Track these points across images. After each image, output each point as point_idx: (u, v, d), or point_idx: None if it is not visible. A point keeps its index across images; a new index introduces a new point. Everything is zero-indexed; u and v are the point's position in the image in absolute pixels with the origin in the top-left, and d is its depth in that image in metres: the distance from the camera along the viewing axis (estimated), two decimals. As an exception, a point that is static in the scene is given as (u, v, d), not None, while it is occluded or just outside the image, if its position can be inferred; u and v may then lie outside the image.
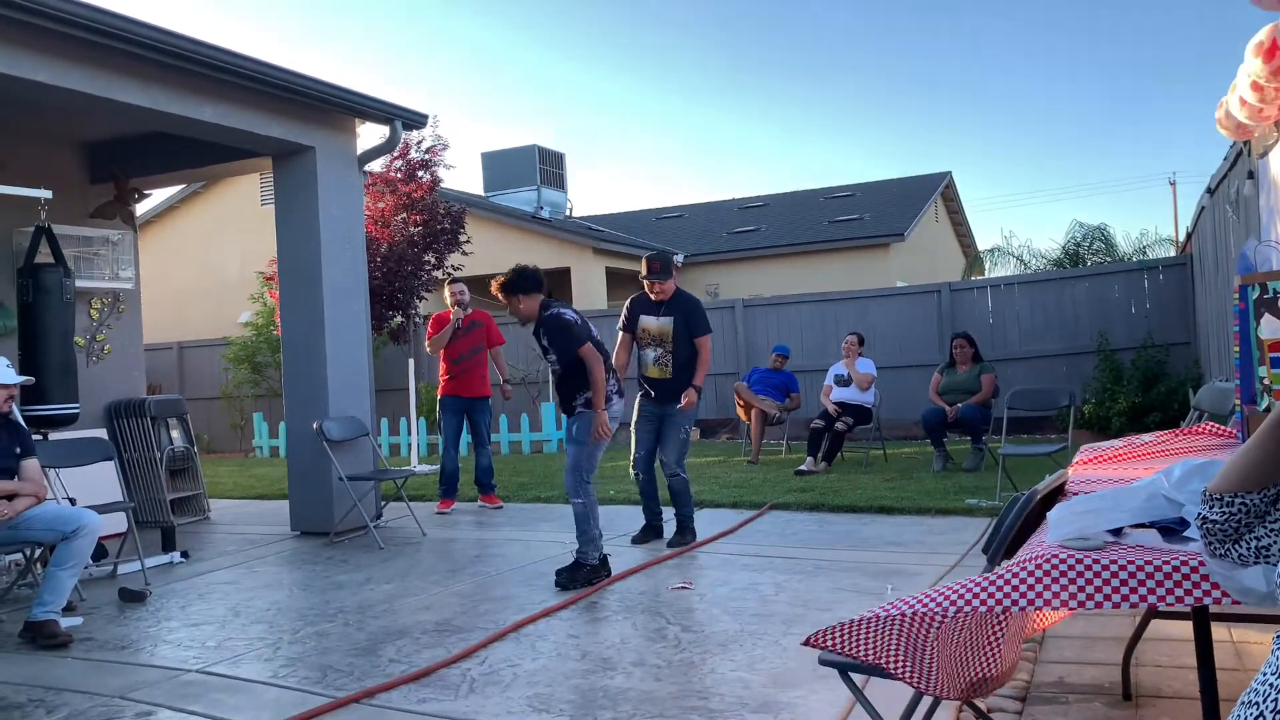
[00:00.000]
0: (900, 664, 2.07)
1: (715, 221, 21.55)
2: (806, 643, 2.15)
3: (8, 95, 5.50)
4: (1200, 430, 3.42)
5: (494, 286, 5.13)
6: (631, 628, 4.18)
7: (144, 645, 4.30)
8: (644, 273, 5.94)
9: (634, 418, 5.94)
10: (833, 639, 2.09)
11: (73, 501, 5.57)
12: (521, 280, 5.09)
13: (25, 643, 4.28)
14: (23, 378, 4.83)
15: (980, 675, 2.28)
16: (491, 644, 4.00)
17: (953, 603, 1.97)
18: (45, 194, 5.76)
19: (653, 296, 5.93)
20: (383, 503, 7.39)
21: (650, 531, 6.03)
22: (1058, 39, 76.88)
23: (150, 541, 6.14)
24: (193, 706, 3.44)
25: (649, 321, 5.91)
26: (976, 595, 1.96)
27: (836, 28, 76.69)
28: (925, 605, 2.00)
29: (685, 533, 5.90)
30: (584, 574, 4.95)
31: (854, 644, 2.08)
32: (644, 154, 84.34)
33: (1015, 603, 1.92)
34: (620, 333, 6.04)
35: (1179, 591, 1.86)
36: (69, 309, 5.90)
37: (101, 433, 7.07)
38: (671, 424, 5.82)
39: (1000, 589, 1.94)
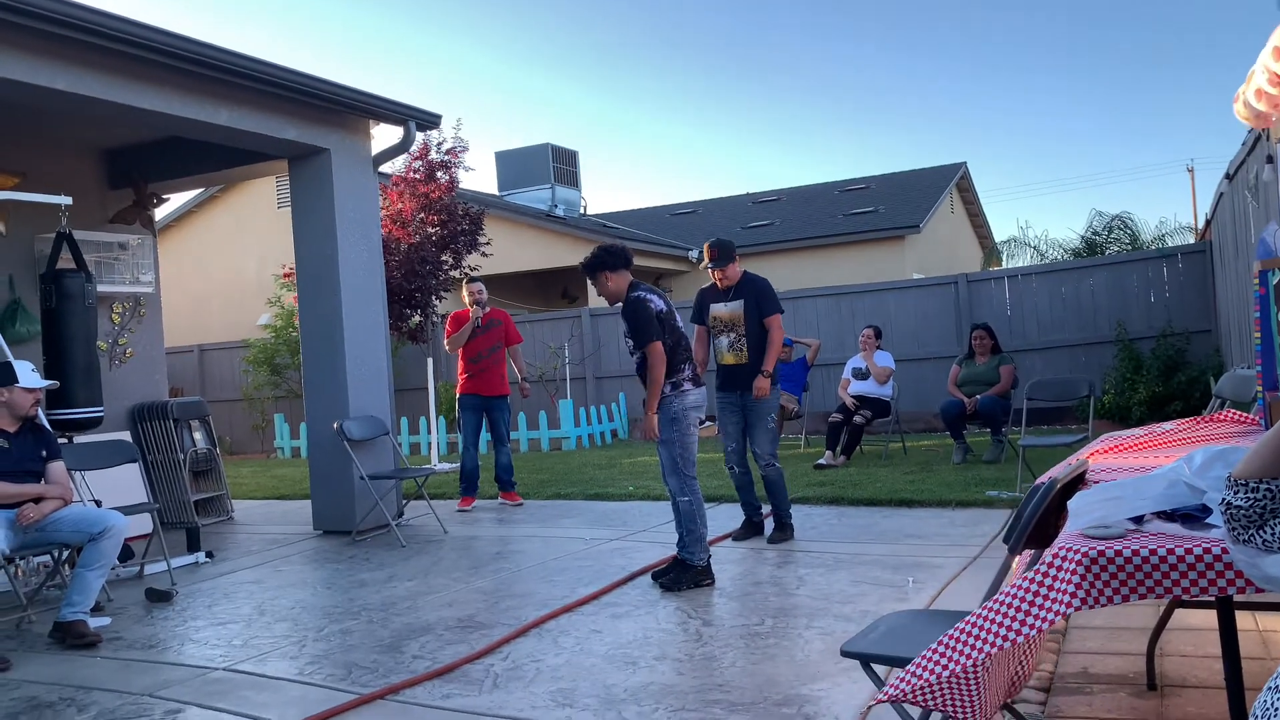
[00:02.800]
0: (968, 709, 2.02)
1: (729, 216, 21.51)
2: (885, 700, 2.09)
3: (27, 103, 5.56)
4: (1222, 418, 3.40)
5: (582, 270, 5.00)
6: (654, 622, 4.20)
7: (171, 644, 4.35)
8: (705, 260, 5.79)
9: (718, 411, 5.79)
10: (910, 692, 2.02)
11: (98, 503, 5.63)
12: (608, 256, 4.91)
13: (55, 643, 4.35)
14: (48, 382, 4.88)
15: (1014, 676, 2.27)
16: (514, 639, 4.02)
17: (1012, 630, 1.93)
18: (66, 200, 5.81)
19: (719, 283, 5.82)
20: (404, 501, 7.43)
21: (750, 527, 5.87)
22: (1071, 27, 76.31)
23: (175, 542, 6.20)
24: (220, 704, 3.48)
25: (719, 308, 5.80)
26: (1027, 614, 1.91)
27: (848, 19, 76.38)
28: (990, 643, 1.94)
29: (784, 529, 5.76)
30: (691, 575, 4.76)
31: (928, 697, 2.02)
32: (657, 151, 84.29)
33: (1057, 613, 1.89)
34: (694, 326, 5.92)
35: (1203, 581, 1.85)
36: (91, 313, 5.96)
37: (125, 435, 7.15)
38: (756, 414, 5.68)
39: (1043, 598, 1.91)
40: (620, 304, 4.95)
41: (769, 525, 5.88)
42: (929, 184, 20.42)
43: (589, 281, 4.98)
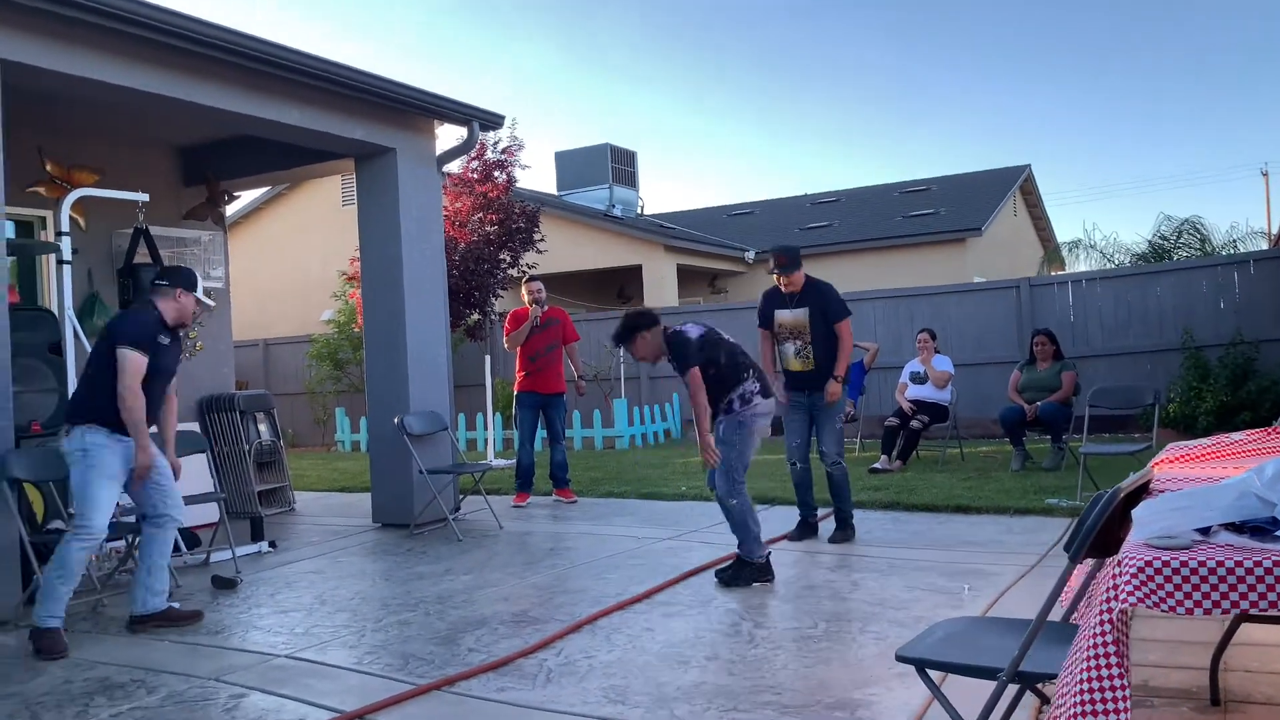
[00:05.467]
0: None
1: (787, 218, 21.40)
2: None
3: (106, 101, 5.76)
4: (1294, 429, 3.32)
5: (613, 341, 5.11)
6: (706, 622, 4.21)
7: (236, 630, 4.47)
8: (771, 266, 5.80)
9: (784, 409, 5.78)
10: None
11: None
12: (639, 319, 5.00)
13: (154, 630, 4.43)
14: (211, 302, 4.92)
15: None
16: (567, 635, 4.06)
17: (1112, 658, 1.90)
18: (143, 197, 6.00)
19: (783, 289, 5.80)
20: (461, 496, 7.54)
21: (805, 528, 5.88)
22: (1141, 28, 74.47)
23: (240, 531, 6.36)
24: (283, 690, 3.57)
25: (783, 315, 5.80)
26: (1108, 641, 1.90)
27: (911, 20, 75.46)
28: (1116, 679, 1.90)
29: (845, 528, 5.77)
30: (749, 572, 4.82)
31: None
32: (715, 151, 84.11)
33: (1113, 610, 1.87)
34: (760, 331, 5.94)
35: (1271, 595, 1.81)
36: (165, 307, 6.14)
37: (194, 426, 7.36)
38: (825, 413, 5.70)
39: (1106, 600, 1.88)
40: (664, 358, 4.99)
41: (824, 527, 5.88)
42: (991, 186, 20.11)
43: (627, 348, 5.03)
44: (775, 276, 5.79)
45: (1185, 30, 69.99)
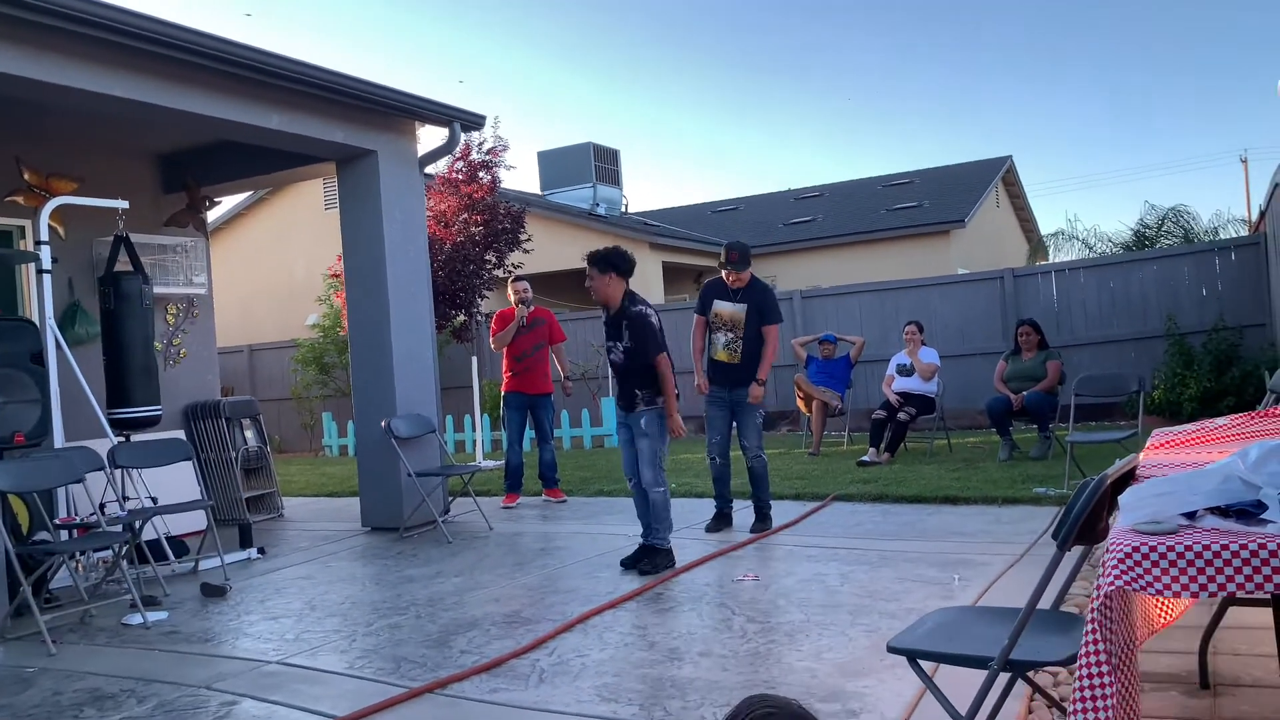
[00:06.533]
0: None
1: (771, 213, 21.44)
2: None
3: (86, 109, 5.72)
4: (1277, 413, 3.34)
5: (587, 258, 5.25)
6: (697, 618, 4.22)
7: (226, 638, 4.45)
8: (722, 260, 6.02)
9: (705, 404, 6.03)
10: None
11: (154, 501, 5.78)
12: (620, 261, 5.19)
13: None
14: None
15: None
16: (560, 635, 4.06)
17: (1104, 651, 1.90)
18: (122, 204, 5.96)
19: (729, 283, 6.00)
20: (450, 498, 7.52)
21: (721, 519, 6.10)
22: (1118, 18, 74.87)
23: (228, 538, 6.33)
24: (274, 696, 3.56)
25: (722, 306, 6.00)
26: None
27: (890, 14, 75.66)
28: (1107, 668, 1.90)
29: (764, 520, 6.00)
30: (663, 558, 5.12)
31: None
32: (698, 148, 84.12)
33: (1103, 590, 1.88)
34: (695, 315, 6.16)
35: (1258, 578, 1.83)
36: (148, 314, 6.11)
37: (180, 434, 7.31)
38: (745, 408, 5.92)
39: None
40: (610, 308, 5.20)
41: (739, 519, 6.09)
42: (974, 178, 20.19)
43: (593, 270, 5.16)
44: (725, 271, 5.99)
45: (1165, 18, 70.41)
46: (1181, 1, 68.77)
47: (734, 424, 6.01)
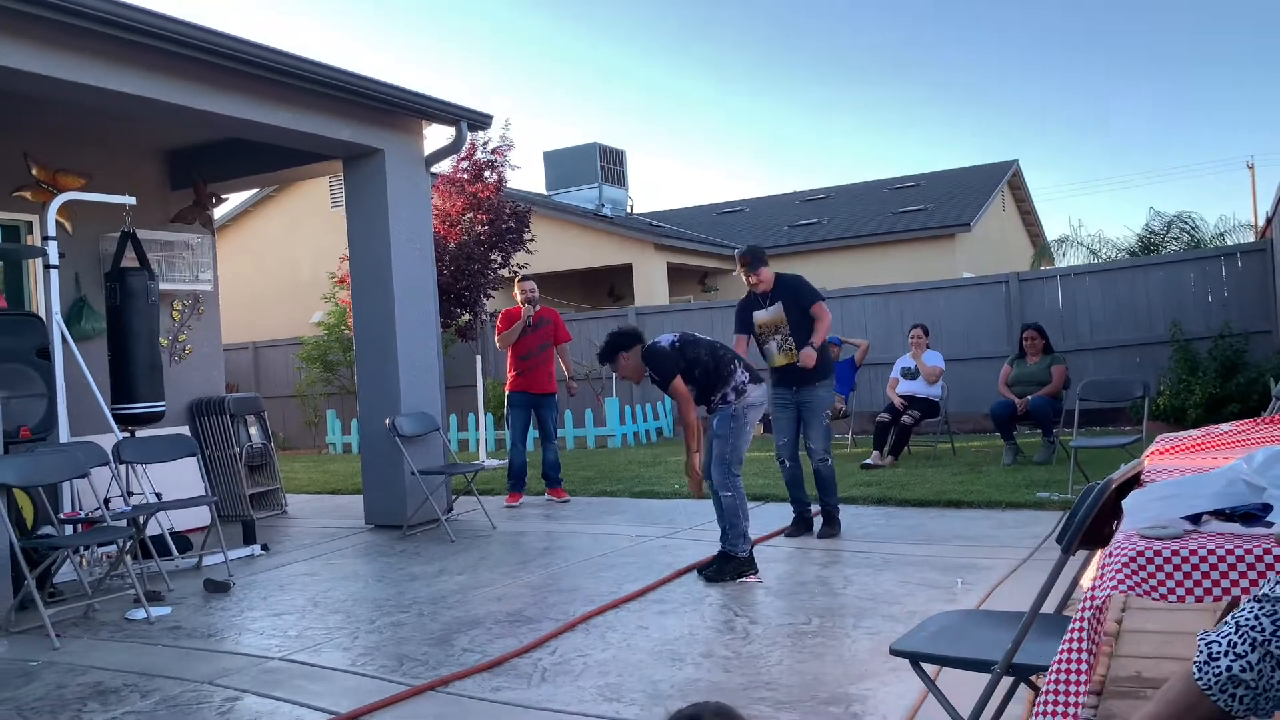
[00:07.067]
0: None
1: (776, 215, 21.43)
2: None
3: (94, 106, 5.74)
4: (1283, 420, 3.33)
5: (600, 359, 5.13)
6: (700, 619, 4.22)
7: (229, 634, 4.46)
8: (738, 269, 5.92)
9: (771, 406, 5.83)
10: None
11: (159, 496, 5.79)
12: (620, 339, 5.03)
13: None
14: None
15: None
16: (562, 634, 4.06)
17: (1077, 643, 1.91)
18: (130, 201, 5.98)
19: (755, 290, 5.89)
20: (453, 496, 7.53)
21: (801, 524, 5.92)
22: (1126, 23, 74.76)
23: (232, 535, 6.34)
24: (277, 692, 3.57)
25: (760, 316, 5.88)
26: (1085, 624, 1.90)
27: (900, 19, 75.58)
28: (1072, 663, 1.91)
29: (832, 524, 5.84)
30: (733, 566, 4.87)
31: None
32: (704, 149, 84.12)
33: (1103, 598, 1.88)
34: (736, 336, 5.97)
35: (1263, 583, 1.82)
36: (154, 311, 6.13)
37: (184, 430, 7.33)
38: (811, 410, 5.77)
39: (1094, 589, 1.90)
40: (648, 374, 5.03)
41: (818, 522, 5.91)
42: (980, 182, 20.17)
43: (609, 367, 5.07)
44: (745, 277, 5.89)
45: (1174, 24, 70.29)
46: (1188, 7, 68.63)
47: (800, 426, 5.83)
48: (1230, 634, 1.42)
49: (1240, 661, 1.39)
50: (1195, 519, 1.97)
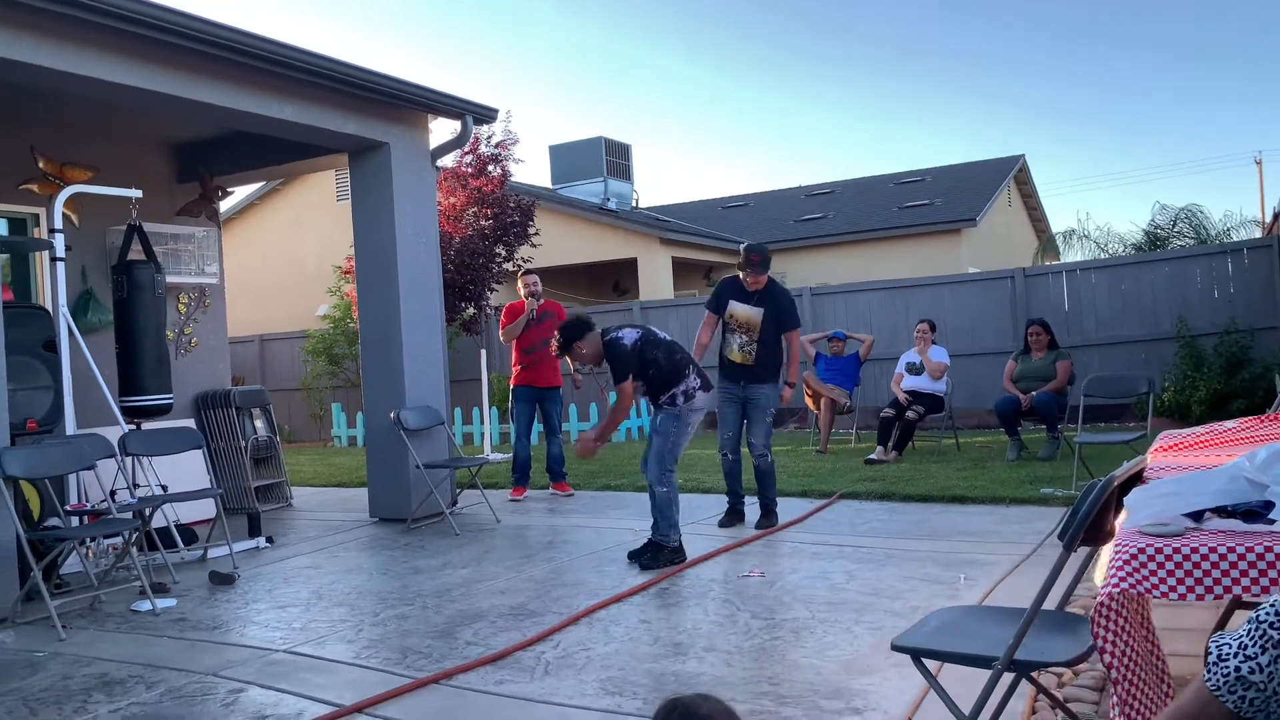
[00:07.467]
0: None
1: (782, 209, 21.40)
2: None
3: (101, 99, 5.75)
4: (1287, 417, 3.33)
5: (552, 349, 5.38)
6: (703, 614, 4.23)
7: (234, 626, 4.48)
8: (742, 263, 6.02)
9: (718, 401, 6.01)
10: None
11: (164, 488, 5.82)
12: (569, 332, 5.23)
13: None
14: None
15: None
16: (565, 628, 4.08)
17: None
18: (136, 194, 6.00)
19: (747, 285, 6.01)
20: (458, 490, 7.54)
21: (734, 515, 6.15)
22: (1134, 17, 74.41)
23: (237, 527, 6.36)
24: (281, 684, 3.58)
25: (738, 308, 6.00)
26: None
27: (907, 13, 75.36)
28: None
29: (769, 516, 6.06)
30: (665, 554, 5.13)
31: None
32: (709, 143, 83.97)
33: (1107, 593, 1.89)
34: (707, 311, 6.16)
35: (1264, 580, 1.82)
36: (160, 304, 6.14)
37: (190, 423, 7.36)
38: (756, 406, 5.96)
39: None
40: (601, 360, 5.24)
41: (752, 514, 6.14)
42: (986, 177, 20.12)
43: (568, 353, 5.26)
44: (744, 273, 5.99)
45: (1180, 17, 69.97)
46: (1197, 2, 68.32)
47: (744, 421, 6.04)
48: (1242, 636, 1.43)
49: (1250, 663, 1.39)
50: (1197, 516, 1.97)
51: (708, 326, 6.12)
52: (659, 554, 5.13)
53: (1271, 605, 1.44)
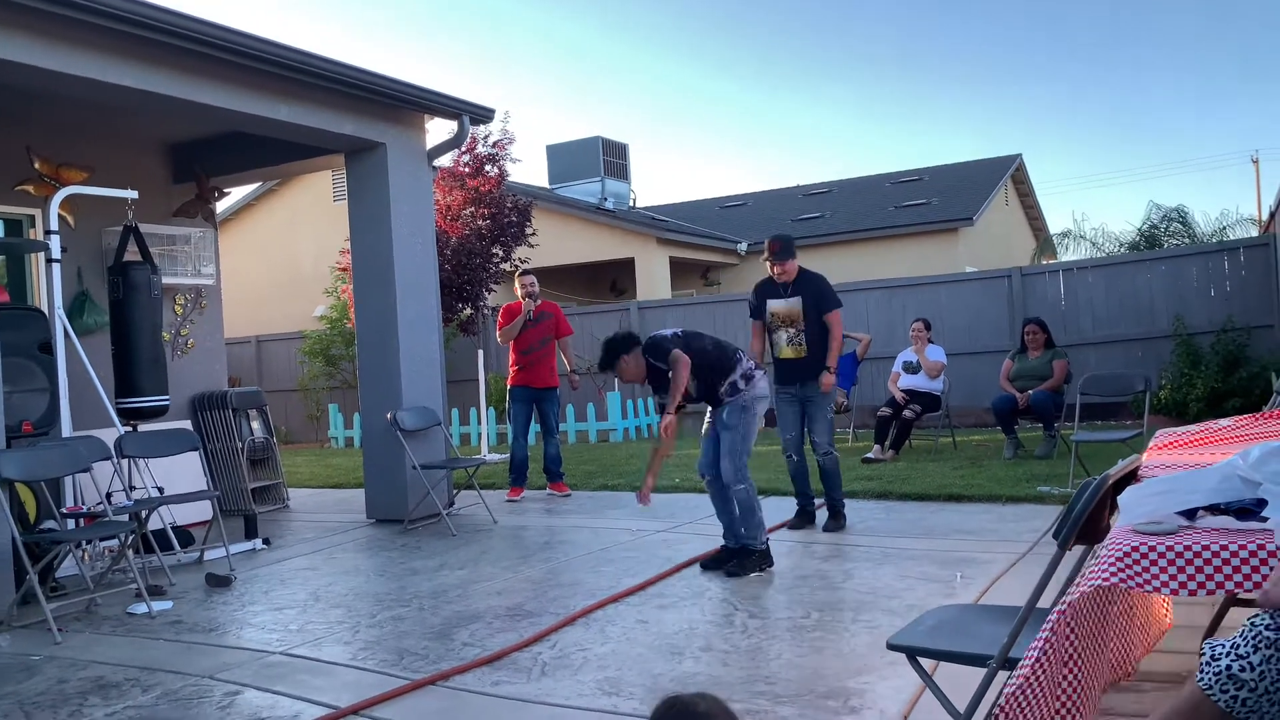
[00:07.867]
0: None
1: (779, 209, 21.40)
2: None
3: (97, 100, 5.74)
4: (1282, 415, 3.33)
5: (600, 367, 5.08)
6: (699, 613, 4.22)
7: (230, 628, 4.47)
8: (766, 255, 5.90)
9: (776, 401, 5.84)
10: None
11: (161, 490, 5.81)
12: (616, 345, 4.95)
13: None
14: None
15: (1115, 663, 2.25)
16: (562, 628, 4.07)
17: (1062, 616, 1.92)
18: (132, 194, 5.98)
19: (776, 278, 5.87)
20: (455, 491, 7.54)
21: (804, 516, 5.97)
22: (1132, 16, 74.52)
23: (234, 529, 6.36)
24: (278, 686, 3.58)
25: (776, 304, 5.87)
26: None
27: (906, 13, 75.41)
28: (1051, 643, 1.93)
29: (837, 518, 5.86)
30: (755, 560, 4.87)
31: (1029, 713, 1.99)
32: (707, 143, 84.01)
33: (1093, 585, 1.90)
34: (751, 321, 6.03)
35: (1256, 577, 1.82)
36: (157, 305, 6.13)
37: (186, 424, 7.35)
38: (816, 404, 5.79)
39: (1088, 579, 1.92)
40: (650, 373, 4.94)
41: (822, 515, 5.94)
42: (983, 176, 20.13)
43: (611, 373, 4.99)
44: (769, 265, 5.85)
45: (1176, 18, 70.07)
46: (1197, 2, 68.41)
47: (805, 420, 5.84)
48: (1236, 638, 1.44)
49: (1240, 662, 1.40)
50: (1190, 514, 1.97)
51: (756, 335, 5.96)
52: (747, 559, 4.86)
53: (1269, 611, 1.45)
